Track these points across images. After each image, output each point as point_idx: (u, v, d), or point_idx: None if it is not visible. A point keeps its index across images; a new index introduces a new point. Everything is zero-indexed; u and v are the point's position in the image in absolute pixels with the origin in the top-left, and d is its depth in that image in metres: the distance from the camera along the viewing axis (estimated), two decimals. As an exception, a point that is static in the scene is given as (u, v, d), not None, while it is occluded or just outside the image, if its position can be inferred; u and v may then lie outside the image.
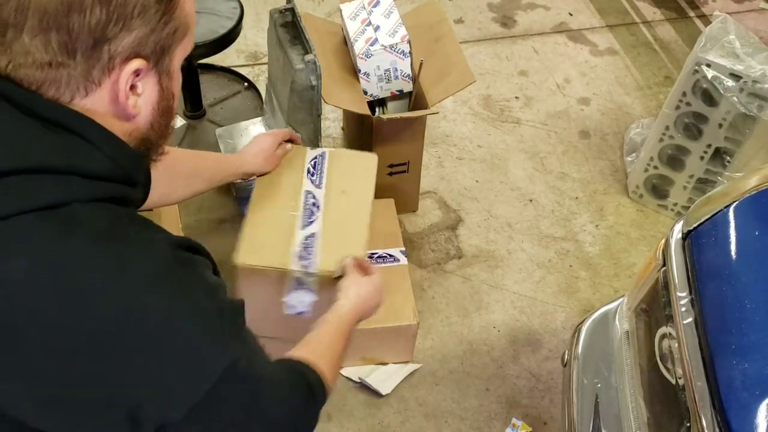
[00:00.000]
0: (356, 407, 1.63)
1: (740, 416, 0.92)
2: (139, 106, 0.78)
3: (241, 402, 0.78)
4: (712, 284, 1.07)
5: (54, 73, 0.72)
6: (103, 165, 0.74)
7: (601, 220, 2.10)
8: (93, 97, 0.74)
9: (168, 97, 0.82)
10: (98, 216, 0.72)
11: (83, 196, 0.71)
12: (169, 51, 0.78)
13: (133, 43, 0.74)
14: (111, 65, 0.73)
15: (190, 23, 0.81)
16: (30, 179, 0.70)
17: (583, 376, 1.32)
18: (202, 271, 0.78)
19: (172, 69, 0.81)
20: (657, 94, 2.50)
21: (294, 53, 1.65)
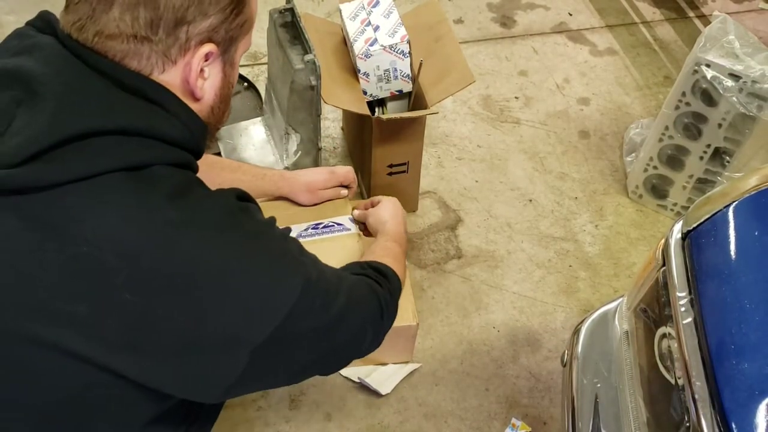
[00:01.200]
0: (356, 407, 1.63)
1: (740, 416, 0.92)
2: (205, 90, 0.84)
3: (317, 315, 0.86)
4: (711, 284, 1.08)
5: (137, 47, 0.77)
6: (181, 132, 0.81)
7: (601, 220, 2.10)
8: (169, 74, 0.80)
9: (228, 86, 0.88)
10: (175, 176, 0.78)
11: (163, 159, 0.78)
12: (235, 41, 0.85)
13: (208, 29, 0.80)
14: (187, 46, 0.80)
15: (253, 20, 0.88)
16: (118, 140, 0.75)
17: (582, 376, 1.32)
18: (256, 214, 0.86)
19: (235, 60, 0.88)
20: (656, 94, 2.50)
21: (293, 53, 1.65)
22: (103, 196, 0.74)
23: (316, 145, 1.80)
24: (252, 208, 0.86)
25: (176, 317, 0.75)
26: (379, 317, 1.01)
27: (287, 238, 0.88)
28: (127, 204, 0.74)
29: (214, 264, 0.76)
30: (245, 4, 0.84)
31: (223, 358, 0.78)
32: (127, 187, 0.74)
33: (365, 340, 1.00)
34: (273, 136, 1.93)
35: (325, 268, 0.93)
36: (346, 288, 0.94)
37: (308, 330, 0.85)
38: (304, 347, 0.86)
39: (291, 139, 1.78)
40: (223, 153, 1.94)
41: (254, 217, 0.85)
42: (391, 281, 1.09)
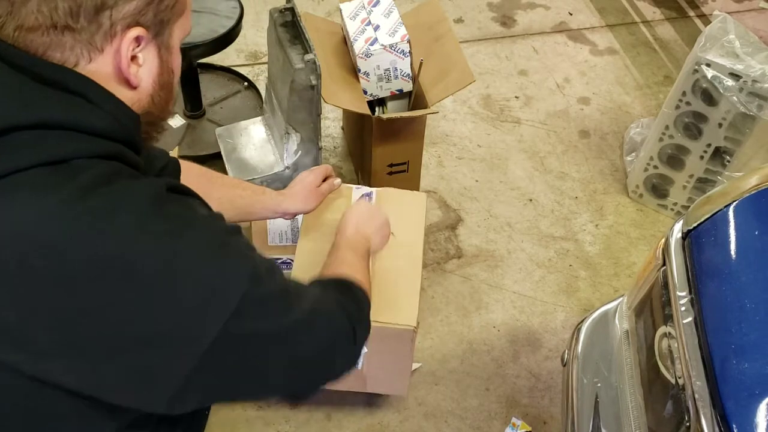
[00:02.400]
0: (356, 407, 1.63)
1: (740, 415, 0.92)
2: (140, 77, 0.80)
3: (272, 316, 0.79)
4: (711, 283, 1.07)
5: (59, 38, 0.74)
6: (105, 122, 0.76)
7: (601, 219, 2.10)
8: (96, 63, 0.77)
9: (167, 72, 0.84)
10: (98, 167, 0.74)
11: (86, 152, 0.74)
12: (168, 24, 0.81)
13: (133, 12, 0.76)
14: (113, 31, 0.76)
15: (187, 1, 0.84)
16: (37, 135, 0.72)
17: (582, 375, 1.32)
18: (196, 207, 0.80)
19: (172, 44, 0.83)
20: (657, 94, 2.50)
21: (294, 53, 1.65)
22: (21, 193, 0.70)
23: (317, 145, 1.80)
24: (189, 200, 0.81)
25: (108, 313, 0.70)
26: (350, 332, 0.93)
27: (233, 232, 0.81)
28: (46, 199, 0.70)
29: (147, 253, 0.71)
30: None
31: (164, 360, 0.72)
32: (46, 182, 0.71)
33: (335, 357, 0.92)
34: (273, 135, 1.93)
35: (284, 277, 0.86)
36: (310, 297, 0.87)
37: (264, 334, 0.78)
38: (262, 355, 0.79)
39: (291, 138, 1.78)
40: (224, 153, 1.94)
41: (192, 207, 0.80)
42: (356, 295, 1.02)
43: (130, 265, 0.70)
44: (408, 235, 1.52)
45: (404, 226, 1.52)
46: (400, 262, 1.47)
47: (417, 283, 1.45)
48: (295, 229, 1.69)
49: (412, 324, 1.39)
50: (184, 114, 2.16)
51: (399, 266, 1.47)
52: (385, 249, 1.46)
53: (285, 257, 1.66)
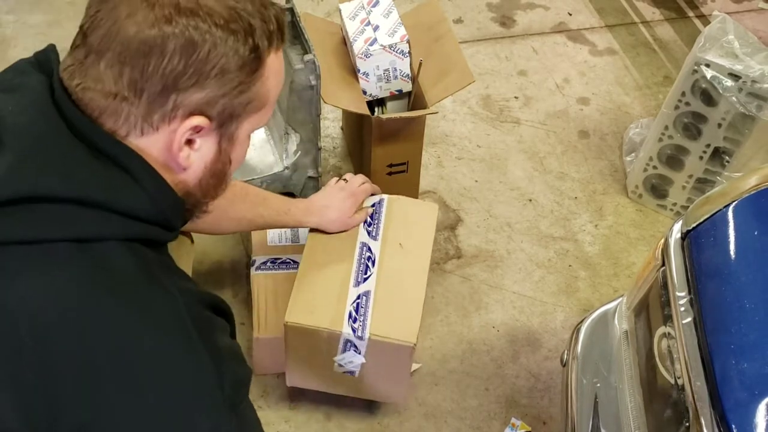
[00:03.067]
0: (355, 407, 1.63)
1: (739, 416, 0.92)
2: (192, 161, 0.78)
3: None
4: (711, 284, 1.08)
5: (116, 105, 0.72)
6: (144, 206, 0.74)
7: (601, 219, 2.10)
8: (147, 139, 0.75)
9: (224, 161, 0.81)
10: (127, 259, 0.72)
11: (117, 235, 0.72)
12: (237, 118, 0.78)
13: (201, 101, 0.74)
14: (173, 114, 0.74)
15: (270, 99, 0.81)
16: (72, 210, 0.70)
17: (582, 375, 1.32)
18: (218, 334, 0.77)
19: (237, 136, 0.80)
20: (656, 94, 2.50)
21: (293, 53, 1.65)
22: (43, 264, 0.69)
23: (316, 145, 1.80)
24: (214, 323, 0.78)
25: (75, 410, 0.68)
26: None
27: (237, 382, 0.77)
28: (65, 278, 0.69)
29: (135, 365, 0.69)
30: (255, 82, 0.77)
31: None
32: (71, 262, 0.70)
33: None
34: (272, 135, 1.93)
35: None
36: None
37: None
38: None
39: (290, 138, 1.78)
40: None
41: (210, 330, 0.76)
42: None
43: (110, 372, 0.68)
44: (415, 246, 1.50)
45: (413, 237, 1.51)
46: (405, 273, 1.46)
47: (420, 297, 1.43)
48: (295, 229, 1.69)
49: (412, 340, 1.37)
50: (184, 114, 2.16)
51: (403, 278, 1.45)
52: (391, 259, 1.45)
53: (285, 257, 1.66)
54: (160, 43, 0.70)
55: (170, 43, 0.71)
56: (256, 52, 0.76)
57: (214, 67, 0.73)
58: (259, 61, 0.76)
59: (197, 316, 0.75)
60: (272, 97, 0.81)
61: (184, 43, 0.71)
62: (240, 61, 0.74)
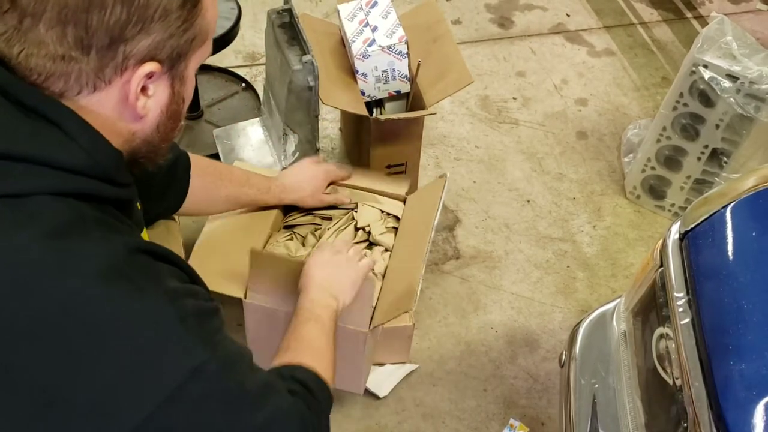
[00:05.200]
0: (353, 408, 1.63)
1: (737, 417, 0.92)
2: (148, 108, 0.77)
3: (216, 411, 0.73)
4: (709, 285, 1.08)
5: (65, 67, 0.71)
6: (77, 158, 0.72)
7: (599, 220, 2.10)
8: (101, 94, 0.73)
9: (178, 101, 0.81)
10: (58, 211, 0.70)
11: (50, 188, 0.70)
12: (185, 57, 0.77)
13: (149, 46, 0.73)
14: (124, 66, 0.72)
15: (210, 31, 0.80)
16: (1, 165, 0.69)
17: (580, 376, 1.32)
18: (167, 278, 0.74)
19: (186, 74, 0.80)
20: (654, 95, 2.51)
21: (291, 54, 1.65)
22: None
23: (314, 146, 1.80)
24: (158, 267, 0.75)
25: (34, 372, 0.66)
26: None
27: (200, 313, 0.74)
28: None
29: (87, 316, 0.67)
30: (197, 17, 0.76)
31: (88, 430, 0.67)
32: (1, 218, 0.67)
33: None
34: (271, 136, 1.93)
35: (250, 373, 0.80)
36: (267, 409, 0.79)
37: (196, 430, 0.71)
38: None
39: (289, 139, 1.78)
40: (221, 154, 1.94)
41: (158, 276, 0.73)
42: (318, 399, 0.94)
43: (65, 327, 0.66)
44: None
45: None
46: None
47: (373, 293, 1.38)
48: None
49: (365, 329, 1.36)
50: (182, 115, 2.16)
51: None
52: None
53: None
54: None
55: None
56: None
57: (156, 10, 0.71)
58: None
59: (139, 261, 0.72)
60: (212, 28, 0.80)
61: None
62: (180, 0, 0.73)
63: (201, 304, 0.76)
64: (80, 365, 0.67)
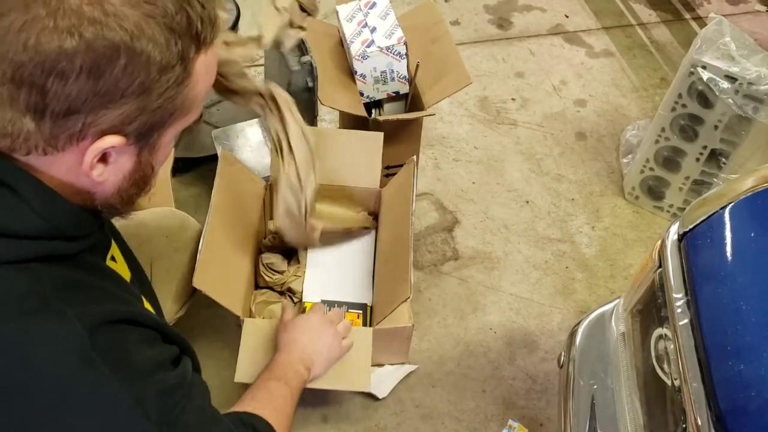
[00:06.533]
0: (352, 409, 1.63)
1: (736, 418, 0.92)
2: (107, 176, 0.70)
3: None
4: (708, 286, 1.08)
5: (11, 128, 0.63)
6: (32, 223, 0.67)
7: (598, 221, 2.10)
8: (52, 158, 0.66)
9: (145, 170, 0.73)
10: (15, 284, 0.65)
11: (6, 257, 0.65)
12: (159, 129, 0.69)
13: (116, 120, 0.64)
14: (81, 135, 0.64)
15: (198, 100, 0.71)
16: None
17: (579, 377, 1.32)
18: (133, 349, 0.71)
19: (159, 145, 0.71)
20: (653, 96, 2.51)
21: (290, 55, 1.65)
22: None
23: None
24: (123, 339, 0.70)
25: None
26: None
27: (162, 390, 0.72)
28: None
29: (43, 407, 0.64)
30: (182, 92, 0.67)
31: None
32: None
33: None
34: (270, 137, 1.93)
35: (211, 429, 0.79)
36: None
37: None
38: None
39: (288, 140, 1.78)
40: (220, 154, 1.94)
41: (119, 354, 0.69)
42: None
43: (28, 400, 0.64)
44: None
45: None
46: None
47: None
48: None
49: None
50: (181, 116, 2.16)
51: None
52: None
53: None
54: (64, 60, 0.59)
55: (76, 60, 0.60)
56: (183, 61, 0.65)
57: (131, 85, 0.62)
58: (185, 70, 0.66)
59: (104, 337, 0.67)
60: (201, 97, 0.71)
61: (93, 59, 0.60)
62: (164, 76, 0.64)
63: (167, 379, 0.73)
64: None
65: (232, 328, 1.62)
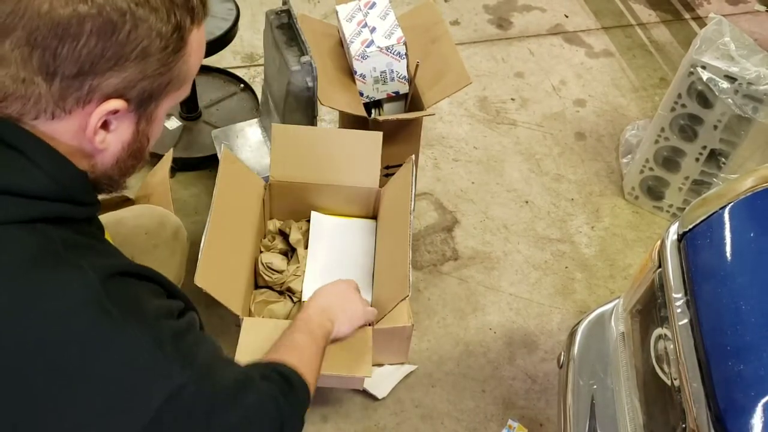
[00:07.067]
0: (352, 409, 1.63)
1: (736, 418, 0.92)
2: (108, 142, 0.74)
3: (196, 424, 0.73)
4: (707, 286, 1.08)
5: (24, 89, 0.67)
6: (42, 184, 0.70)
7: (597, 221, 2.10)
8: (59, 122, 0.70)
9: (141, 140, 0.77)
10: (26, 242, 0.68)
11: (16, 217, 0.68)
12: (156, 98, 0.74)
13: (119, 84, 0.69)
14: (88, 98, 0.69)
15: (190, 75, 0.77)
16: None
17: (579, 377, 1.32)
18: (143, 299, 0.73)
19: (156, 115, 0.76)
20: (652, 96, 2.51)
21: (290, 55, 1.65)
22: None
23: (313, 147, 1.80)
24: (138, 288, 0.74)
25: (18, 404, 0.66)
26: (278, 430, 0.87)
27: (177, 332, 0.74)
28: None
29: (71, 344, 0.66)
30: (178, 61, 0.72)
31: None
32: None
33: None
34: (269, 137, 1.93)
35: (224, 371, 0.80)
36: (243, 402, 0.80)
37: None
38: None
39: (287, 140, 1.78)
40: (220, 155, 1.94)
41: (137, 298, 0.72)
42: (297, 392, 0.96)
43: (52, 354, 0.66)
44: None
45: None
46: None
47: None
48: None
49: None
50: (180, 116, 2.16)
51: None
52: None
53: None
54: (75, 24, 0.65)
55: (86, 24, 0.65)
56: (179, 31, 0.71)
57: (134, 50, 0.68)
58: (181, 40, 0.72)
59: (115, 287, 0.70)
60: (192, 73, 0.77)
61: (102, 24, 0.65)
62: (162, 42, 0.70)
63: (177, 324, 0.76)
64: (57, 402, 0.66)
65: (231, 329, 1.62)
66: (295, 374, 0.98)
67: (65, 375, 0.66)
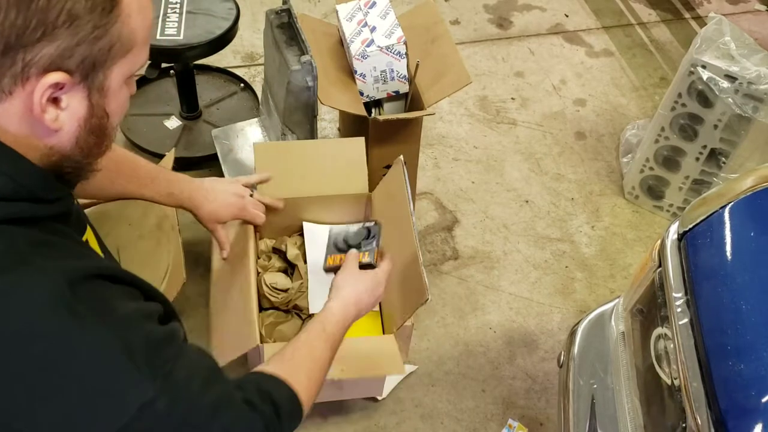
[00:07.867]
0: (352, 408, 1.63)
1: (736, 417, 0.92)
2: (62, 121, 0.70)
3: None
4: (707, 285, 1.08)
5: None
6: (3, 185, 0.68)
7: (597, 221, 2.10)
8: (2, 106, 0.67)
9: (99, 115, 0.73)
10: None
11: None
12: (102, 67, 0.70)
13: (54, 54, 0.66)
14: (25, 75, 0.66)
15: (137, 40, 0.71)
16: None
17: (579, 377, 1.32)
18: (115, 302, 0.70)
19: (107, 86, 0.72)
20: (652, 95, 2.51)
21: (290, 54, 1.65)
22: None
23: (313, 147, 1.80)
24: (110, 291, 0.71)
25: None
26: None
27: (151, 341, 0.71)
28: None
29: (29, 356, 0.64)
30: (114, 23, 0.68)
31: None
32: None
33: None
34: (269, 137, 1.93)
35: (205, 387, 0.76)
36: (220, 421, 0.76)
37: None
38: None
39: (287, 139, 1.78)
40: (220, 154, 1.94)
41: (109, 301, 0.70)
42: (282, 413, 0.91)
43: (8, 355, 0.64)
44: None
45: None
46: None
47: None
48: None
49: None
50: (181, 115, 2.16)
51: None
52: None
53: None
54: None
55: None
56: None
57: (59, 15, 0.64)
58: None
59: (85, 289, 0.67)
60: (140, 37, 0.72)
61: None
62: (89, 3, 0.66)
63: (152, 330, 0.72)
64: (22, 405, 0.65)
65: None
66: (289, 396, 0.95)
67: (24, 377, 0.65)
